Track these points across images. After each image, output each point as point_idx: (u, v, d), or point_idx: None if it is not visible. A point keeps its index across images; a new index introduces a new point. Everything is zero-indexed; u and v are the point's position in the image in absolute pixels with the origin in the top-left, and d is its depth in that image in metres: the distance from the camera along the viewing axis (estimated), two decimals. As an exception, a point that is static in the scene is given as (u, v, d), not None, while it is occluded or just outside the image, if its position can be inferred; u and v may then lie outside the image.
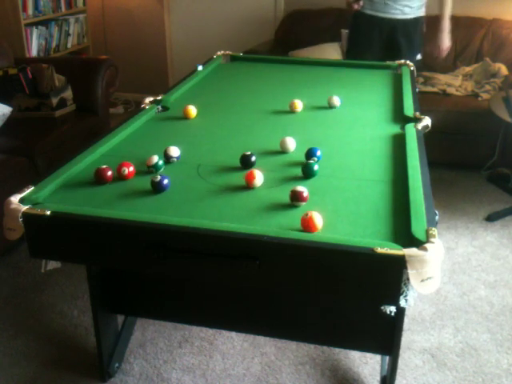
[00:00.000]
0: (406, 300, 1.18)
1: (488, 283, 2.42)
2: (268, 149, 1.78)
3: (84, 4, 4.37)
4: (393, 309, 1.29)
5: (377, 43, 3.02)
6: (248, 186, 1.51)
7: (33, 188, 1.44)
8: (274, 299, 1.69)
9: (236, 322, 1.78)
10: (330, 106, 2.18)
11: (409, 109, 2.08)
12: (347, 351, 2.00)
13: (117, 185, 1.53)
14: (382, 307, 1.30)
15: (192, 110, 2.08)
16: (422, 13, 3.00)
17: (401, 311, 1.51)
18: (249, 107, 2.21)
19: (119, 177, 1.55)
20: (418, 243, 1.19)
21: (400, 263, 1.14)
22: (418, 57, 3.07)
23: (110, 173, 1.53)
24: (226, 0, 4.42)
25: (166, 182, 1.48)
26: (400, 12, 2.92)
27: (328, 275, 1.21)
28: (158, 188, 1.48)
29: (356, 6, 2.93)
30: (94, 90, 3.20)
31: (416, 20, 2.98)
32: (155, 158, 1.59)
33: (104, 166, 1.54)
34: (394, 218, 1.35)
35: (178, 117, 2.09)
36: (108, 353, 1.86)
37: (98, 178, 1.53)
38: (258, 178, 1.51)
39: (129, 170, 1.56)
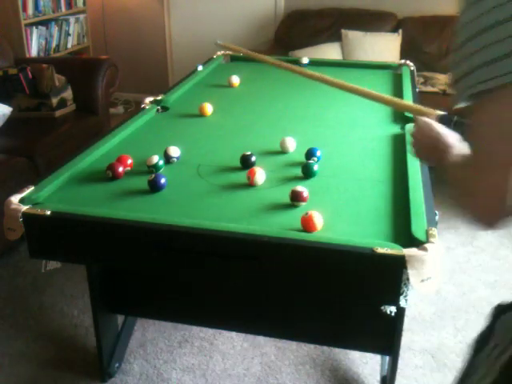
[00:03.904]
0: (406, 300, 1.18)
1: (488, 283, 2.41)
2: (268, 149, 1.78)
3: (84, 4, 4.37)
4: (393, 309, 1.30)
5: None
6: (249, 183, 1.51)
7: (33, 188, 1.44)
8: (274, 299, 1.69)
9: (236, 322, 1.78)
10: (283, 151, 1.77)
11: (409, 109, 2.07)
12: (347, 351, 2.00)
13: (117, 185, 1.53)
14: (382, 307, 1.30)
15: (208, 108, 2.09)
16: None
17: (401, 311, 1.51)
18: (249, 107, 2.21)
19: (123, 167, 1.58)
20: (418, 243, 1.19)
21: (400, 263, 1.14)
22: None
23: (121, 169, 1.57)
24: (225, 0, 4.42)
25: (162, 181, 1.48)
26: None
27: (328, 275, 1.21)
28: (153, 187, 1.48)
29: None
30: (94, 89, 3.20)
31: None
32: (155, 158, 1.59)
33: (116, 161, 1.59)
34: (394, 218, 1.35)
35: (178, 117, 2.09)
36: (108, 353, 1.86)
37: (114, 170, 1.56)
38: (259, 174, 1.51)
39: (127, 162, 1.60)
